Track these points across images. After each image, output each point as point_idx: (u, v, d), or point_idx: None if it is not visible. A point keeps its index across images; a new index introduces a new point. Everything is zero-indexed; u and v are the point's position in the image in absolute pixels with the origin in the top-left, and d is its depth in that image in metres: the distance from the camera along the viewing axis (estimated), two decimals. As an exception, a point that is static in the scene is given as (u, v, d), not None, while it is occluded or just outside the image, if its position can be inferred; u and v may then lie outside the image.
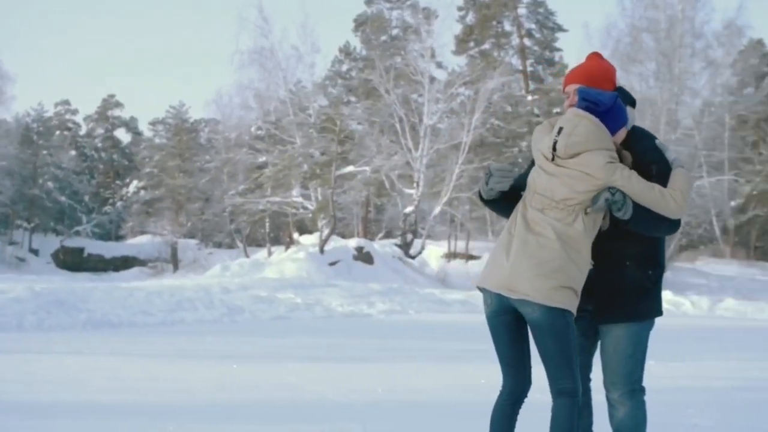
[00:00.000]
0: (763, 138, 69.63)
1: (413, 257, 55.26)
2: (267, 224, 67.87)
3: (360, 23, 73.13)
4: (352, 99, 66.82)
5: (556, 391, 5.81)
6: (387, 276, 46.73)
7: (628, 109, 6.04)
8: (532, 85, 71.20)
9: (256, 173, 64.47)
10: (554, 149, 5.86)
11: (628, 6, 62.19)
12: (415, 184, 55.47)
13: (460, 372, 13.67)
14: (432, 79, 58.08)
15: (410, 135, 55.32)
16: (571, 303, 5.73)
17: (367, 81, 61.49)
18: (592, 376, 6.23)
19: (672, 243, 63.71)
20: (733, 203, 63.00)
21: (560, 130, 5.85)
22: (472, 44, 73.35)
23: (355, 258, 48.90)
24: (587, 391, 6.20)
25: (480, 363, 14.89)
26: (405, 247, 55.16)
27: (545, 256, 5.75)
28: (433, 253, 60.75)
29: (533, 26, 74.08)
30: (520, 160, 60.97)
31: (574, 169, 5.79)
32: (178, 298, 26.41)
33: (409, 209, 55.60)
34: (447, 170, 56.08)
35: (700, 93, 63.27)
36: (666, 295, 44.78)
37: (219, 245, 78.27)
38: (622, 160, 5.92)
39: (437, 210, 56.41)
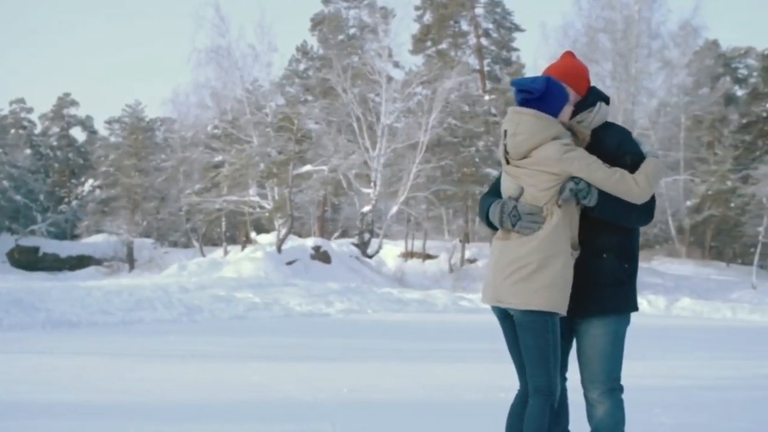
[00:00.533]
0: (718, 138, 70.13)
1: (370, 256, 55.31)
2: (223, 223, 67.76)
3: (317, 22, 73.11)
4: (309, 98, 66.72)
5: (532, 388, 5.86)
6: (344, 275, 46.74)
7: (602, 105, 6.04)
8: (489, 84, 71.35)
9: (213, 172, 64.35)
10: (507, 152, 5.94)
11: (585, 6, 62.67)
12: (372, 184, 55.50)
13: (424, 371, 13.68)
14: (389, 79, 58.14)
15: (367, 134, 55.34)
16: (553, 303, 5.75)
17: (324, 80, 61.46)
18: (568, 375, 6.21)
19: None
20: (688, 203, 63.51)
21: (506, 132, 5.93)
22: (429, 44, 73.48)
23: (313, 257, 48.87)
24: (563, 391, 6.20)
25: (442, 362, 14.98)
26: (362, 246, 55.18)
27: (523, 259, 5.82)
28: (390, 252, 60.81)
29: (490, 26, 74.29)
30: (476, 160, 61.09)
31: (532, 169, 5.84)
32: (137, 298, 26.29)
33: (366, 208, 55.62)
34: (404, 170, 56.10)
35: (656, 93, 63.85)
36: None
37: (175, 244, 77.94)
38: (576, 135, 5.98)
39: (394, 209, 56.46)
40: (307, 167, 56.01)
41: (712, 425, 9.40)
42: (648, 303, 36.43)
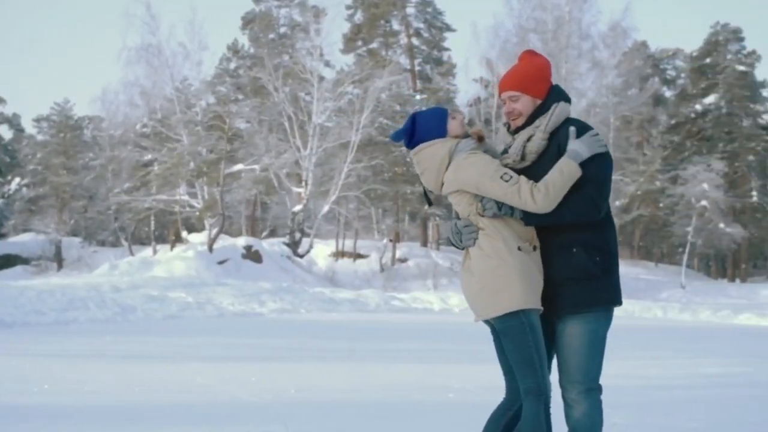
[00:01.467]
0: (647, 139, 70.97)
1: (301, 256, 55.23)
2: (152, 222, 67.36)
3: (248, 21, 72.91)
4: (240, 97, 66.52)
5: (523, 391, 5.83)
6: (276, 275, 46.70)
7: (558, 106, 5.95)
8: (420, 84, 71.53)
9: (142, 171, 64.00)
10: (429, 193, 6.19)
11: (516, 6, 62.98)
12: (303, 183, 55.45)
13: (368, 372, 13.69)
14: (321, 78, 58.10)
15: (299, 133, 55.29)
16: (518, 301, 5.72)
17: (255, 79, 61.34)
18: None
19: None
20: (617, 203, 63.99)
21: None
22: (360, 43, 73.52)
23: (244, 257, 48.74)
24: None
25: (383, 362, 15.00)
26: (293, 245, 55.11)
27: (475, 270, 5.90)
28: (320, 251, 60.78)
29: (421, 25, 74.46)
30: (408, 159, 61.19)
31: (447, 194, 5.98)
32: (70, 297, 26.04)
33: (297, 208, 55.54)
34: (335, 169, 56.11)
35: (585, 94, 64.21)
36: None
37: (103, 243, 77.34)
38: (481, 140, 6.02)
39: (325, 208, 56.44)
40: (239, 166, 55.92)
41: (664, 425, 9.46)
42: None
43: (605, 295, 5.87)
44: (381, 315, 32.39)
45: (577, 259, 5.79)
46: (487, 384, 12.33)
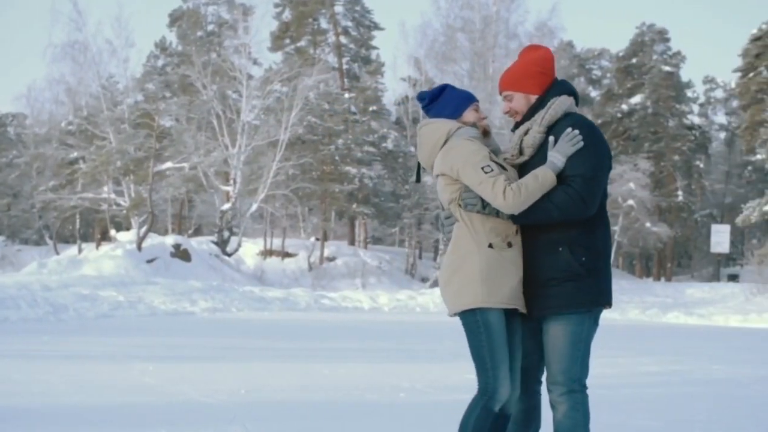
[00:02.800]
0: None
1: (230, 255, 55.00)
2: (77, 221, 66.69)
3: (175, 18, 72.58)
4: (168, 95, 66.12)
5: (478, 388, 5.79)
6: (205, 273, 46.48)
7: (562, 98, 5.91)
8: (348, 82, 71.53)
9: (68, 169, 63.37)
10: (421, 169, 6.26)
11: (444, 6, 63.32)
12: (232, 181, 55.23)
13: (314, 371, 13.68)
14: (249, 76, 57.90)
15: (228, 132, 55.04)
16: (474, 299, 5.68)
17: (184, 77, 61.08)
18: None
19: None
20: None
21: None
22: (288, 41, 73.50)
23: (173, 255, 48.37)
24: (535, 394, 6.08)
25: (327, 362, 14.99)
26: (222, 244, 54.85)
27: (445, 264, 5.91)
28: (248, 250, 60.59)
29: (350, 24, 74.50)
30: (336, 158, 61.25)
31: (435, 174, 5.93)
32: (0, 296, 25.70)
33: (226, 206, 55.34)
34: (264, 167, 55.92)
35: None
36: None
37: (26, 242, 76.53)
38: (486, 134, 5.99)
39: (254, 207, 56.23)
40: (167, 164, 55.52)
41: (611, 423, 9.51)
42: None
43: (589, 296, 5.77)
44: (312, 314, 32.50)
45: (562, 259, 5.71)
46: (437, 383, 12.52)
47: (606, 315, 31.18)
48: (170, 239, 51.66)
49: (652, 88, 75.58)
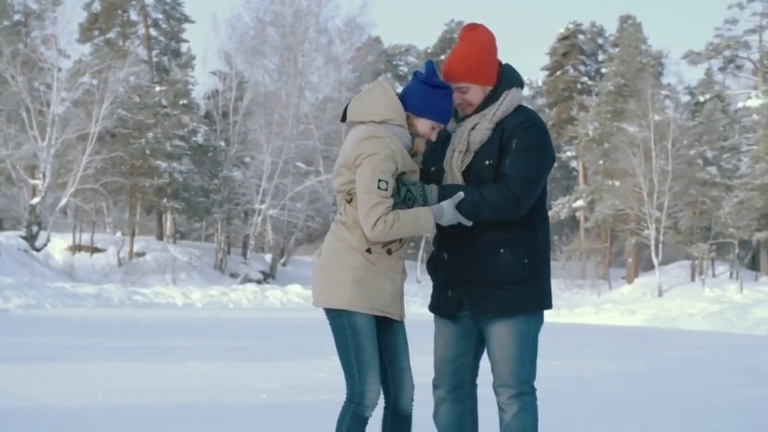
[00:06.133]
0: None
1: (38, 250, 54.22)
2: None
3: (-20, 7, 70.83)
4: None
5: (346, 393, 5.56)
6: (14, 269, 45.79)
7: (514, 91, 5.66)
8: (158, 76, 71.03)
9: None
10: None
11: (254, -1, 63.41)
12: (41, 175, 54.44)
13: (160, 371, 13.62)
14: (59, 68, 57.10)
15: (37, 124, 54.20)
16: (341, 300, 5.44)
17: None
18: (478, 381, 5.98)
19: (293, 237, 65.46)
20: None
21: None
22: (97, 33, 72.40)
23: (-20, 250, 47.66)
24: (469, 398, 5.90)
25: (173, 361, 14.92)
26: (31, 239, 54.00)
27: (324, 248, 5.64)
28: (57, 245, 59.60)
29: (160, 16, 73.71)
30: (147, 152, 60.91)
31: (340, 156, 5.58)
32: None
33: (35, 200, 54.49)
34: (74, 161, 55.27)
35: (322, 88, 65.29)
36: (296, 288, 46.20)
37: None
38: (414, 154, 5.57)
39: (63, 201, 55.41)
40: (-25, 158, 54.47)
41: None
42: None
43: (532, 300, 5.63)
44: (126, 310, 32.35)
45: (504, 261, 5.53)
46: (291, 383, 12.58)
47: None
48: (-23, 234, 50.79)
49: (459, 84, 77.09)
